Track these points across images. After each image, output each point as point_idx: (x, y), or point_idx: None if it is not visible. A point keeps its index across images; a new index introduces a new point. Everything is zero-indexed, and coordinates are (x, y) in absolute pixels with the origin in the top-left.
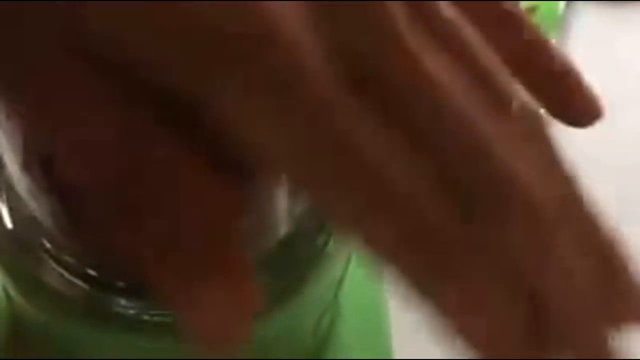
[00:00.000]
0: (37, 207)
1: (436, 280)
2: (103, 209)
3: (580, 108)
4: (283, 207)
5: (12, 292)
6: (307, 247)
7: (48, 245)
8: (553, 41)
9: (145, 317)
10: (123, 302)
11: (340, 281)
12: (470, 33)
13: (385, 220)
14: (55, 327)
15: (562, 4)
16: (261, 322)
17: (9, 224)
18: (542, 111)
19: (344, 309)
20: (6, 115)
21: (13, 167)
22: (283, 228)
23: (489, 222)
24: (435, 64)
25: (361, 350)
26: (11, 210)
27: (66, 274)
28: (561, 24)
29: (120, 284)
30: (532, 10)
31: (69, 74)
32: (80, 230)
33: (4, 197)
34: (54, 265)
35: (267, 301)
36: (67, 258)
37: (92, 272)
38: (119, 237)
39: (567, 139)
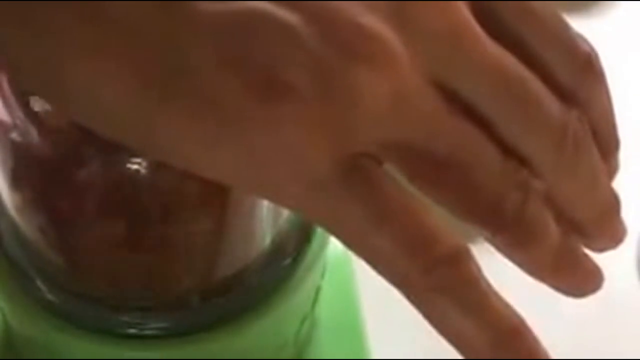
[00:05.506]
0: (25, 223)
1: None
2: None
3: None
4: (267, 222)
5: (3, 305)
6: (288, 258)
7: (36, 261)
8: None
9: (132, 330)
10: (109, 315)
11: (318, 290)
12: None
13: None
14: (43, 339)
15: None
16: (247, 328)
17: None
18: None
19: (322, 316)
20: None
21: (1, 184)
22: (267, 240)
23: None
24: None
25: (339, 355)
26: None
27: (52, 288)
28: None
29: (107, 298)
30: None
31: None
32: (67, 246)
33: None
34: (41, 279)
35: (252, 308)
36: (53, 272)
37: (77, 287)
38: None
39: None
